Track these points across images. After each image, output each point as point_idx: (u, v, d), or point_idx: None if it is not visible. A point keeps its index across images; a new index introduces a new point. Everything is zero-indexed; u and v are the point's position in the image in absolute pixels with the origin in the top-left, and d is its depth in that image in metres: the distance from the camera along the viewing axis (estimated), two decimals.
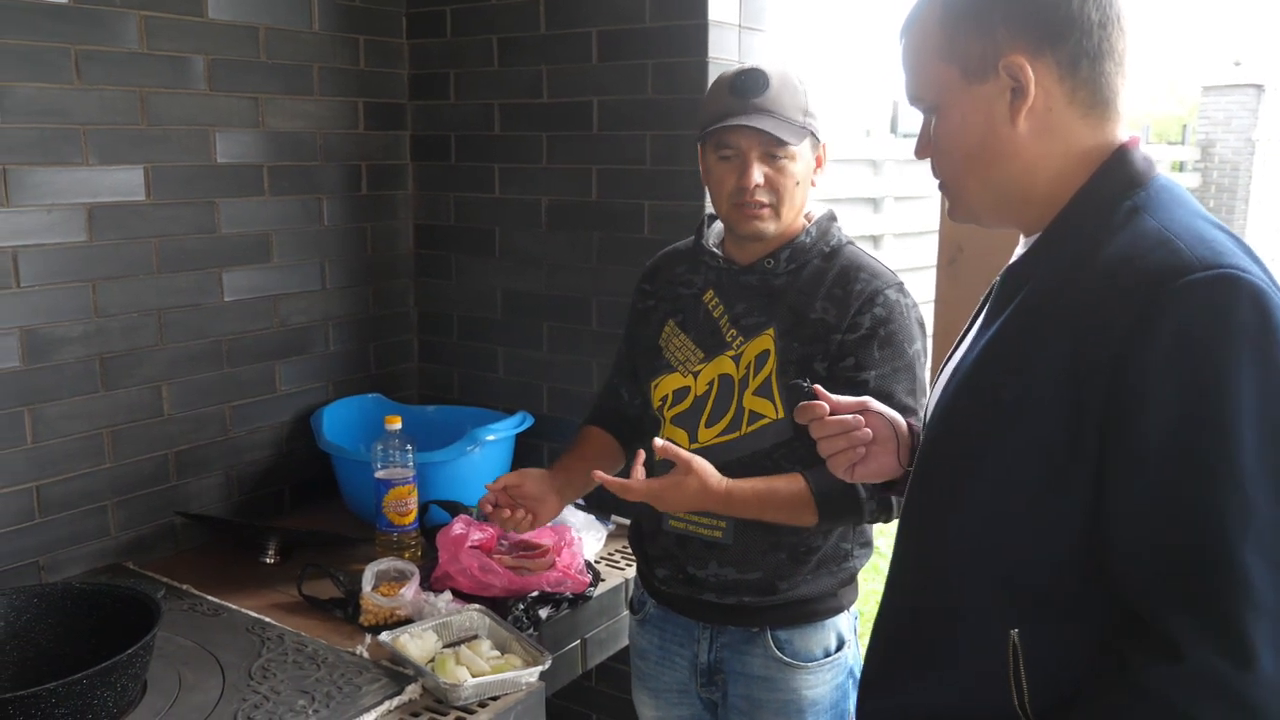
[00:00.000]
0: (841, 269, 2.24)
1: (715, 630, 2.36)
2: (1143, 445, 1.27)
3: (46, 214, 2.59)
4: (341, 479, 3.16)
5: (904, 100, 1.59)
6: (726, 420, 2.27)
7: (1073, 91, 1.42)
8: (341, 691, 2.18)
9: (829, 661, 2.33)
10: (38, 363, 2.62)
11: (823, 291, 2.22)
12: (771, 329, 2.24)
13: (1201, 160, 16.00)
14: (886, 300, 2.19)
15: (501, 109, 3.35)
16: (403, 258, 3.61)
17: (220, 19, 2.91)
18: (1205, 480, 1.25)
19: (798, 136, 2.17)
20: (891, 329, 2.18)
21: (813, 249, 2.27)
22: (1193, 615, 1.27)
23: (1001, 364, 1.43)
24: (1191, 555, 1.27)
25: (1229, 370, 1.24)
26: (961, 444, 1.47)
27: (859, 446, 1.75)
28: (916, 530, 1.60)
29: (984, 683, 1.44)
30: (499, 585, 2.54)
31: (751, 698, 2.34)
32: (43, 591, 2.24)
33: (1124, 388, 1.27)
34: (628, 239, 3.15)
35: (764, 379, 2.23)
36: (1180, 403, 1.25)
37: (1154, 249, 1.31)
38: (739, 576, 2.28)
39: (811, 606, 2.31)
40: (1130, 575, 1.32)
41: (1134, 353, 1.26)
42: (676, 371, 2.35)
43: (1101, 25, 1.39)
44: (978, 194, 1.52)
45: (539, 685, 2.27)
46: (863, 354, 2.17)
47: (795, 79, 2.19)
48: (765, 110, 2.16)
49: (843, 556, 2.32)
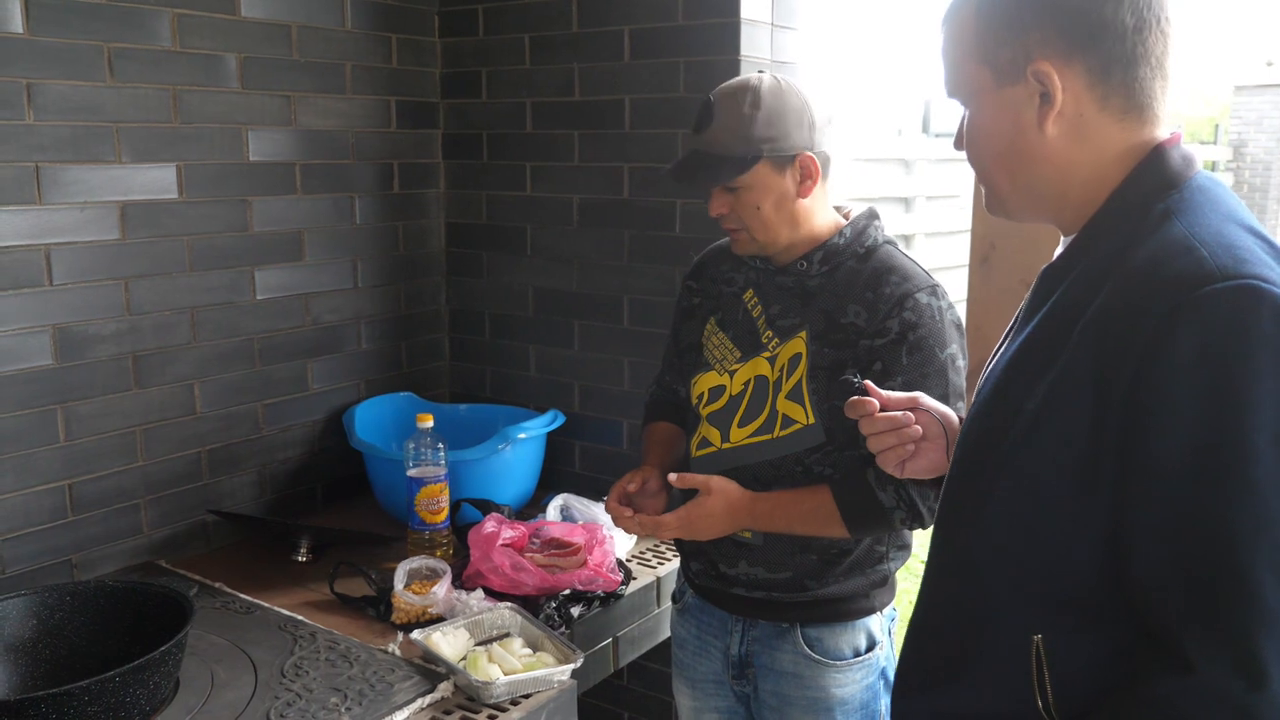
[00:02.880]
0: (873, 271, 2.22)
1: (747, 624, 2.36)
2: (1159, 457, 1.26)
3: (79, 212, 2.60)
4: (373, 477, 3.16)
5: (936, 99, 1.58)
6: (759, 422, 2.26)
7: (1104, 98, 1.40)
8: (374, 689, 2.17)
9: (859, 661, 2.31)
10: (70, 360, 2.62)
11: (855, 294, 2.21)
12: (804, 332, 2.23)
13: (1234, 160, 15.93)
14: (916, 304, 2.16)
15: (533, 107, 3.35)
16: (434, 256, 3.61)
17: (253, 17, 2.91)
18: (1220, 494, 1.24)
19: (731, 172, 2.18)
20: (921, 334, 2.15)
21: (847, 250, 2.25)
22: (1205, 631, 1.25)
23: (1029, 370, 1.42)
24: (1205, 570, 1.25)
25: (1247, 383, 1.21)
26: (989, 448, 1.46)
27: (909, 443, 1.74)
28: (948, 532, 1.59)
29: (1010, 686, 1.43)
30: (531, 584, 2.53)
31: (781, 693, 2.34)
32: (75, 590, 2.24)
33: (1142, 398, 1.26)
34: (659, 237, 3.14)
35: (795, 383, 2.22)
36: (1197, 415, 1.23)
37: (1178, 257, 1.29)
38: (769, 575, 2.28)
39: (843, 606, 2.30)
40: (1145, 587, 1.30)
41: (1153, 363, 1.24)
42: (713, 370, 2.35)
43: (1137, 30, 1.37)
44: (1009, 191, 1.52)
45: (571, 683, 2.26)
46: (890, 360, 2.15)
47: (747, 104, 2.16)
48: (703, 149, 2.21)
49: (877, 559, 2.30)
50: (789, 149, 2.19)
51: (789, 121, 2.18)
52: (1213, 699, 1.24)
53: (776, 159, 2.19)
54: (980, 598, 1.48)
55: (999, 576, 1.45)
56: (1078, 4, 1.37)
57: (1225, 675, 1.23)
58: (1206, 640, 1.25)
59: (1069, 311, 1.38)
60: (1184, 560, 1.26)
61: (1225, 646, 1.24)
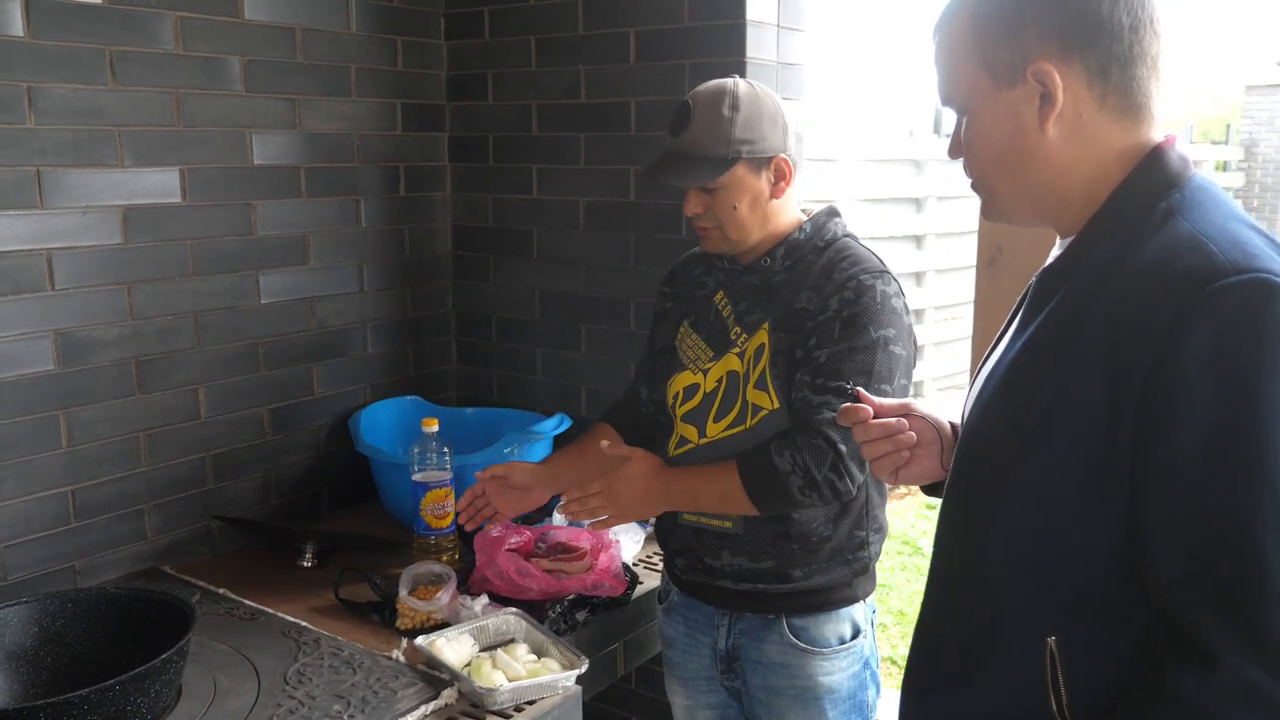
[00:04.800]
0: (828, 260, 2.29)
1: (733, 618, 2.40)
2: (1176, 451, 1.25)
3: (81, 216, 2.59)
4: (380, 482, 3.14)
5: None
6: (733, 414, 2.32)
7: (1103, 97, 1.40)
8: (377, 696, 2.16)
9: (844, 649, 2.36)
10: (72, 366, 2.61)
11: (809, 282, 2.27)
12: (767, 323, 2.29)
13: (1245, 160, 15.85)
14: (859, 285, 2.21)
15: (539, 110, 3.34)
16: (441, 259, 3.60)
17: (256, 20, 2.90)
18: (1238, 487, 1.23)
19: (710, 173, 2.24)
20: (857, 310, 2.19)
21: (807, 244, 2.32)
22: (1226, 623, 1.25)
23: (1036, 371, 1.41)
24: (1224, 563, 1.25)
25: (1262, 375, 1.21)
26: (997, 450, 1.45)
27: (903, 450, 1.73)
28: (955, 534, 1.58)
29: (1024, 688, 1.42)
30: (536, 588, 2.53)
31: (769, 685, 2.38)
32: (77, 597, 2.23)
33: (1157, 393, 1.25)
34: (665, 240, 3.13)
35: (761, 371, 2.27)
36: (1213, 407, 1.23)
37: (1186, 252, 1.29)
38: (752, 565, 2.32)
39: (826, 595, 2.35)
40: (1164, 582, 1.30)
41: (1167, 358, 1.24)
42: (688, 369, 2.41)
43: (1133, 29, 1.37)
44: (1009, 196, 1.51)
45: (575, 689, 2.25)
46: (823, 333, 2.21)
47: (726, 106, 2.23)
48: (682, 151, 2.27)
49: (858, 545, 2.35)
50: (765, 151, 2.26)
51: (765, 125, 2.25)
52: (1237, 694, 1.24)
53: (753, 160, 2.26)
54: (992, 600, 1.47)
55: (1011, 578, 1.44)
56: (1075, 3, 1.37)
57: (1247, 666, 1.23)
58: (1228, 634, 1.24)
59: (1075, 311, 1.38)
60: (1204, 555, 1.26)
61: (1248, 639, 1.23)
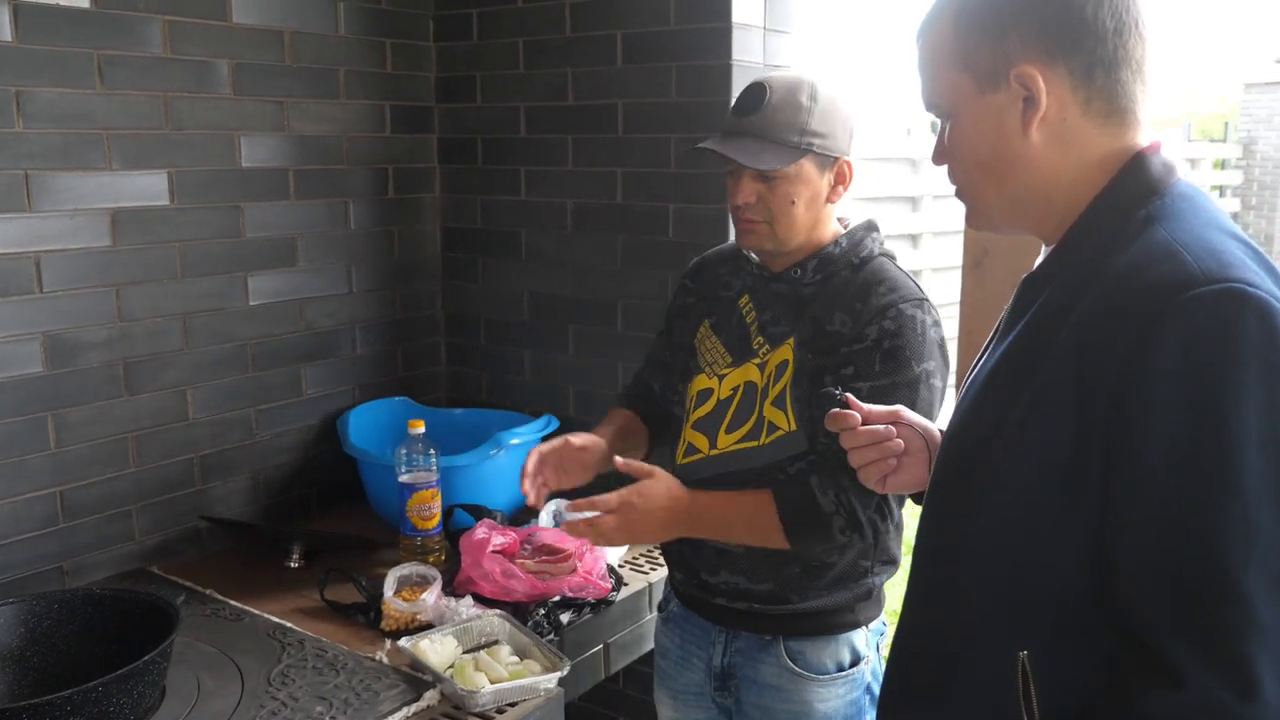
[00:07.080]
0: (864, 281, 2.20)
1: (730, 635, 2.35)
2: (1144, 465, 1.23)
3: (69, 219, 2.60)
4: (368, 483, 3.15)
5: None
6: (747, 428, 2.25)
7: (1087, 101, 1.38)
8: (360, 698, 2.17)
9: (842, 676, 2.29)
10: (61, 368, 2.63)
11: (843, 304, 2.18)
12: (792, 339, 2.22)
13: (1243, 158, 15.84)
14: (899, 314, 2.13)
15: (527, 112, 3.35)
16: (429, 261, 3.61)
17: (245, 23, 2.91)
18: (1207, 502, 1.21)
19: (782, 159, 2.14)
20: (898, 343, 2.11)
21: (841, 259, 2.23)
22: (1194, 642, 1.22)
23: (1010, 380, 1.39)
24: (1193, 580, 1.22)
25: (1233, 388, 1.19)
26: (971, 461, 1.44)
27: (890, 457, 1.72)
28: (930, 547, 1.56)
29: (996, 702, 1.39)
30: (521, 590, 2.53)
31: (763, 706, 2.32)
32: (63, 598, 2.24)
33: (1126, 405, 1.23)
34: (653, 242, 3.14)
35: (781, 390, 2.20)
36: (1182, 420, 1.20)
37: (1161, 261, 1.27)
38: (750, 586, 2.27)
39: (826, 619, 2.28)
40: (1132, 598, 1.27)
41: (1137, 369, 1.22)
42: (704, 372, 2.34)
43: (1117, 33, 1.35)
44: (994, 202, 1.49)
45: (558, 691, 2.26)
46: (862, 363, 2.12)
47: (805, 95, 2.15)
48: (751, 132, 2.16)
49: (861, 573, 2.28)
50: (834, 150, 2.18)
51: (838, 123, 2.18)
52: (1203, 713, 1.22)
53: (821, 157, 2.18)
54: (965, 612, 1.46)
55: (984, 590, 1.42)
56: (1058, 6, 1.36)
57: (1214, 686, 1.21)
58: (1195, 651, 1.22)
59: (1051, 319, 1.36)
60: (1171, 570, 1.24)
61: (1215, 657, 1.21)
